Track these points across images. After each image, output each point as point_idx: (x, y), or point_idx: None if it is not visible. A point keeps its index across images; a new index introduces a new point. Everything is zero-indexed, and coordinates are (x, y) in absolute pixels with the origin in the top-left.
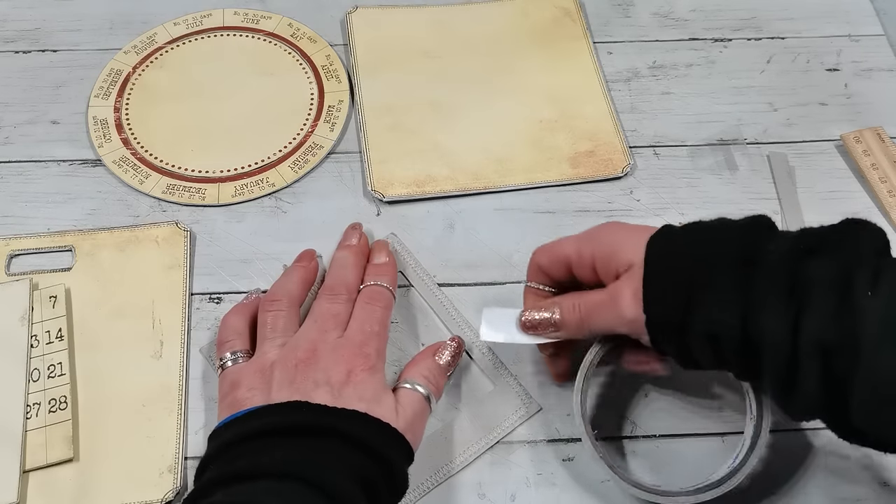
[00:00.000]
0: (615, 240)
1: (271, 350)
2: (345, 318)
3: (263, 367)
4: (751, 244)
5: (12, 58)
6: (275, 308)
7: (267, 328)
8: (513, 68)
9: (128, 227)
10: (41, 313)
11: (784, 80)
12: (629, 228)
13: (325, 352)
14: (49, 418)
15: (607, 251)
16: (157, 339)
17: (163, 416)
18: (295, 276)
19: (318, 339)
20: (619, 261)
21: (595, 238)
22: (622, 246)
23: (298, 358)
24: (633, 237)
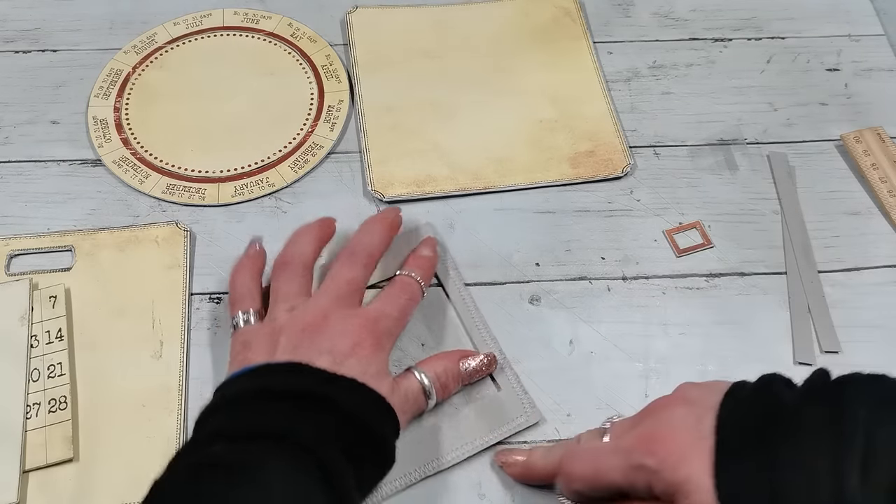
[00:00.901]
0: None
1: (281, 314)
2: (360, 284)
3: (273, 331)
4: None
5: (12, 58)
6: (287, 272)
7: (279, 293)
8: (513, 68)
9: (128, 227)
10: (41, 313)
11: (784, 80)
12: (687, 446)
13: (336, 320)
14: (49, 418)
15: (670, 485)
16: (156, 339)
17: (163, 416)
18: (309, 235)
19: (330, 306)
20: (689, 499)
21: (651, 468)
22: (688, 481)
23: (307, 323)
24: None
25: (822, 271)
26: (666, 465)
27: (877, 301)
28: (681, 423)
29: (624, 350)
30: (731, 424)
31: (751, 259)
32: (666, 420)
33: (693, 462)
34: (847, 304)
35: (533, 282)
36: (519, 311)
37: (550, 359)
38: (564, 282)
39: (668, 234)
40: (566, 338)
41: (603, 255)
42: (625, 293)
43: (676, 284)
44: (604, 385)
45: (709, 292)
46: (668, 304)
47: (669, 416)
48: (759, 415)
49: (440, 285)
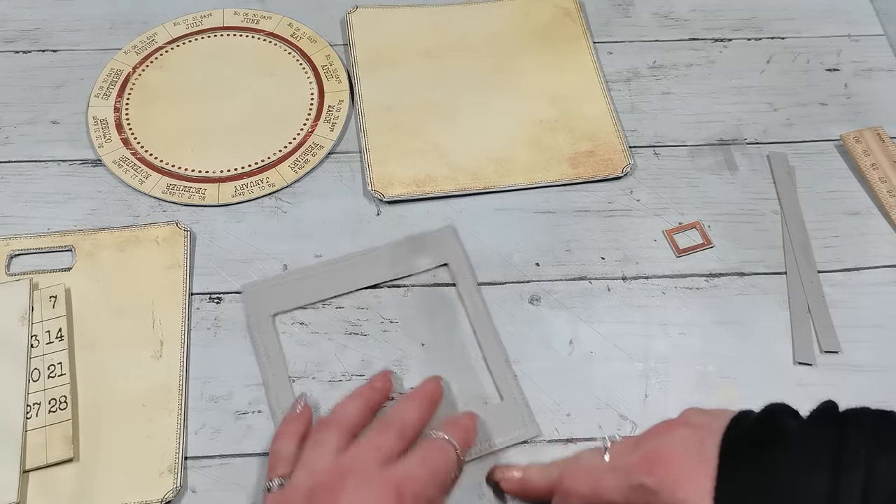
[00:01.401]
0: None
1: (300, 476)
2: (389, 453)
3: (286, 499)
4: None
5: (12, 58)
6: (322, 433)
7: (307, 458)
8: (513, 68)
9: (128, 227)
10: (41, 313)
11: (784, 80)
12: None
13: (356, 479)
14: (49, 418)
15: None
16: (157, 339)
17: (163, 416)
18: (358, 399)
19: (351, 462)
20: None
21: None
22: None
23: (320, 485)
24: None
25: (821, 271)
26: (665, 486)
27: (877, 301)
28: (683, 445)
29: (624, 350)
30: (733, 449)
31: (751, 259)
32: (668, 441)
33: (693, 484)
34: (847, 304)
35: (533, 282)
36: (519, 311)
37: (550, 359)
38: (564, 282)
39: (668, 234)
40: (566, 338)
41: (603, 255)
42: (625, 293)
43: (676, 284)
44: (604, 385)
45: (709, 292)
46: (668, 304)
47: (672, 437)
48: (761, 441)
49: (452, 284)
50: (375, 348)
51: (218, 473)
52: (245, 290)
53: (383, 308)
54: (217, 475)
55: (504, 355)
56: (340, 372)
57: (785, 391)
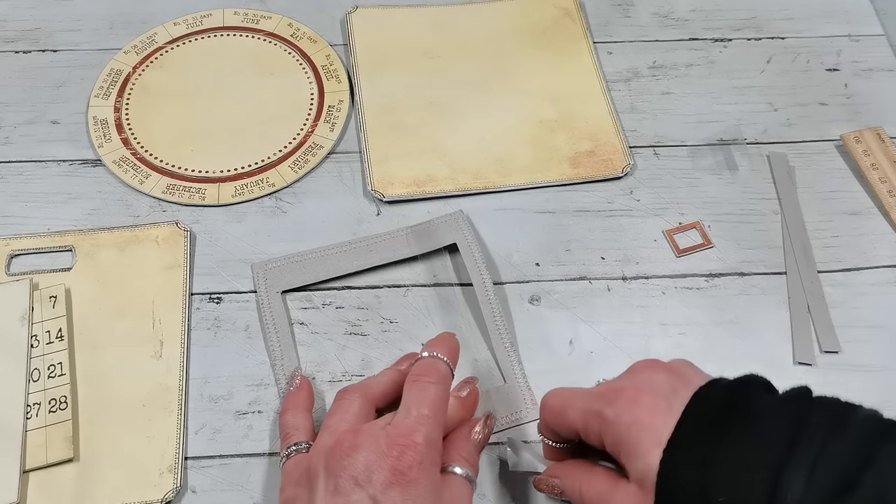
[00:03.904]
0: (628, 437)
1: (323, 438)
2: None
3: (310, 466)
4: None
5: (12, 58)
6: (345, 399)
7: (329, 421)
8: (513, 68)
9: (128, 227)
10: (41, 313)
11: (784, 80)
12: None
13: (367, 439)
14: (49, 418)
15: (617, 445)
16: (157, 339)
17: (163, 416)
18: (384, 375)
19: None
20: (629, 466)
21: (605, 418)
22: (635, 450)
23: (335, 445)
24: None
25: (821, 271)
26: (620, 421)
27: (877, 301)
28: (655, 389)
29: (624, 350)
30: (696, 410)
31: (751, 259)
32: (642, 380)
33: (648, 430)
34: (847, 304)
35: (533, 282)
36: (519, 311)
37: (550, 359)
38: (564, 282)
39: (668, 234)
40: (566, 338)
41: (603, 255)
42: (625, 293)
43: (676, 284)
44: None
45: (709, 292)
46: (668, 304)
47: (648, 378)
48: (722, 408)
49: (452, 284)
50: (375, 348)
51: (218, 473)
52: (256, 268)
53: (383, 308)
54: (217, 475)
55: (509, 338)
56: (340, 372)
57: None
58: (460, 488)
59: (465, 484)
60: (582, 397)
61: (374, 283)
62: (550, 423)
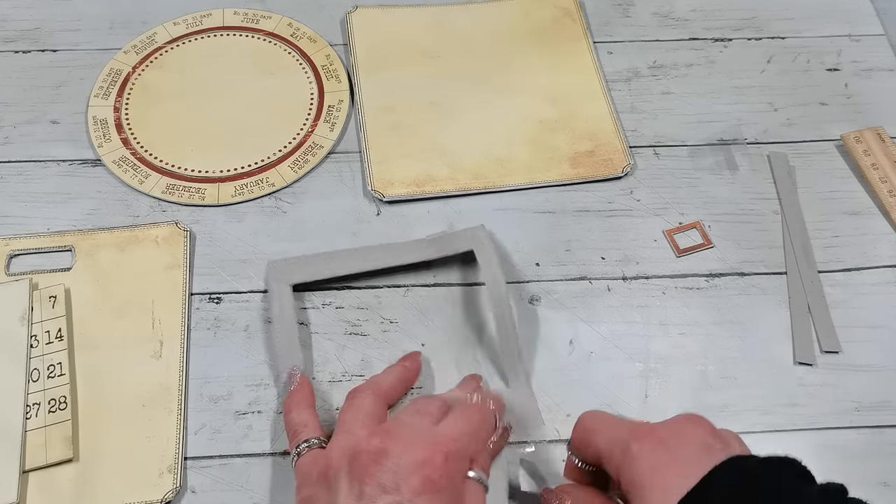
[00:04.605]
0: (646, 479)
1: (340, 439)
2: (431, 419)
3: (329, 465)
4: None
5: (12, 58)
6: (357, 397)
7: (343, 420)
8: (513, 68)
9: (128, 227)
10: (41, 313)
11: (784, 80)
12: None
13: (398, 445)
14: (49, 418)
15: (631, 484)
16: (156, 339)
17: (162, 416)
18: (392, 371)
19: (394, 426)
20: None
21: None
22: (650, 493)
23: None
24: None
25: (822, 271)
26: (642, 461)
27: (877, 301)
28: (687, 439)
29: (624, 350)
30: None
31: (751, 259)
32: (679, 428)
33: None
34: (847, 304)
35: (533, 282)
36: (519, 311)
37: (550, 359)
38: (564, 282)
39: (668, 234)
40: (566, 338)
41: (603, 255)
42: (625, 293)
43: (676, 284)
44: (604, 385)
45: (709, 292)
46: (668, 304)
47: (686, 428)
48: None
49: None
50: (375, 348)
51: (218, 473)
52: (269, 265)
53: (383, 308)
54: (217, 475)
55: (517, 349)
56: (340, 372)
57: (785, 391)
58: (476, 492)
59: (479, 487)
60: (615, 425)
61: (374, 283)
62: (577, 442)
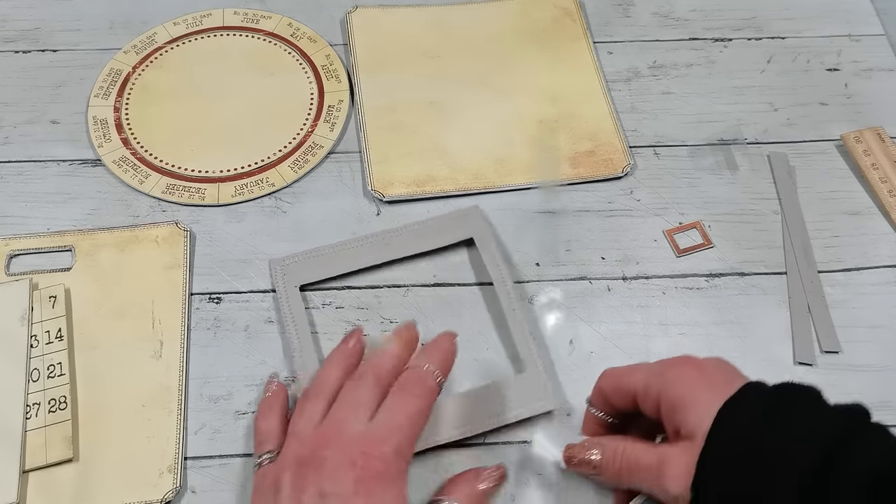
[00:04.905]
0: (688, 393)
1: (289, 446)
2: (368, 408)
3: (277, 475)
4: (834, 449)
5: (12, 58)
6: (308, 402)
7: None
8: (513, 68)
9: (128, 227)
10: (41, 313)
11: (784, 80)
12: (706, 378)
13: (335, 447)
14: (49, 418)
15: (674, 401)
16: (156, 339)
17: (162, 416)
18: (336, 367)
19: (331, 430)
20: (683, 421)
21: (666, 379)
22: (691, 404)
23: (303, 456)
24: (705, 394)
25: (822, 271)
26: (683, 380)
27: (877, 301)
28: (720, 369)
29: (624, 350)
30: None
31: (751, 259)
32: (712, 361)
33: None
34: (847, 304)
35: (533, 282)
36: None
37: (550, 359)
38: (564, 282)
39: (668, 234)
40: (566, 338)
41: (603, 255)
42: (625, 293)
43: (676, 284)
44: None
45: (709, 292)
46: (668, 304)
47: (719, 362)
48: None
49: (452, 284)
50: None
51: (218, 473)
52: (273, 263)
53: (383, 308)
54: (217, 475)
55: (529, 329)
56: None
57: None
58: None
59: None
60: (645, 366)
61: (375, 283)
62: (607, 389)
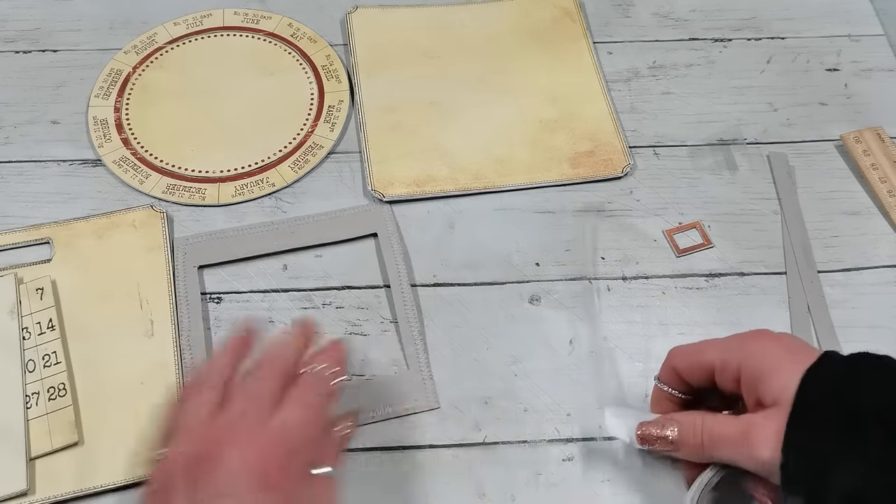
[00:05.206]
0: (768, 363)
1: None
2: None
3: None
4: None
5: (12, 58)
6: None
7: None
8: (513, 68)
9: (103, 215)
10: (29, 306)
11: (784, 80)
12: (785, 348)
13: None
14: (50, 406)
15: (756, 372)
16: (146, 319)
17: (162, 390)
18: (228, 355)
19: (228, 426)
20: (767, 390)
21: (745, 351)
22: (774, 373)
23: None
24: (787, 363)
25: (822, 271)
26: (764, 352)
27: (877, 301)
28: (797, 341)
29: (624, 350)
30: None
31: (751, 259)
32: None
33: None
34: (847, 304)
35: (533, 282)
36: (519, 311)
37: (550, 359)
38: (564, 282)
39: (668, 234)
40: (566, 338)
41: (603, 255)
42: (625, 293)
43: (676, 284)
44: (604, 385)
45: (709, 292)
46: (668, 304)
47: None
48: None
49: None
50: (375, 348)
51: None
52: (178, 242)
53: (383, 308)
54: None
55: (418, 329)
56: None
57: None
58: (326, 486)
59: (329, 481)
60: (719, 341)
61: (374, 282)
62: (681, 366)
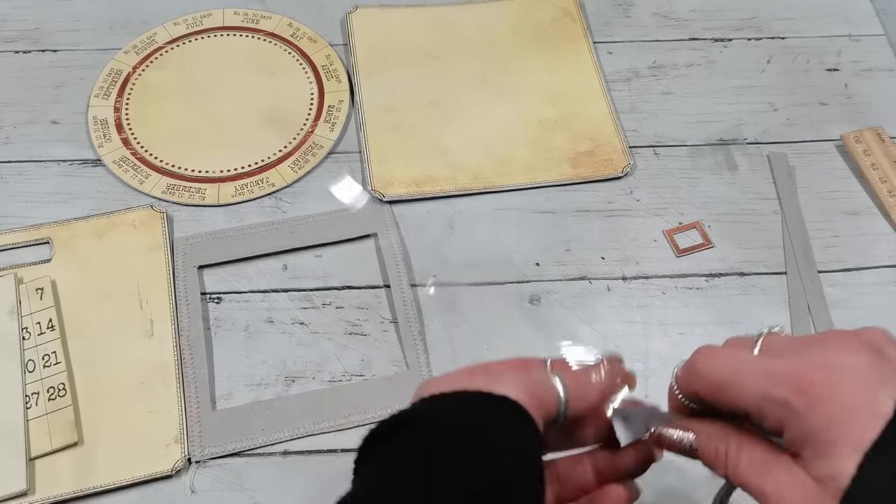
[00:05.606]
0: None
1: None
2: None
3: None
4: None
5: (12, 58)
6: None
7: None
8: (513, 68)
9: (103, 215)
10: (29, 306)
11: (784, 80)
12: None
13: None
14: (49, 406)
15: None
16: (146, 319)
17: (162, 390)
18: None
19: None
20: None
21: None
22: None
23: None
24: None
25: (822, 271)
26: (813, 417)
27: (877, 301)
28: (855, 378)
29: (624, 350)
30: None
31: (751, 259)
32: (840, 363)
33: (848, 431)
34: (847, 304)
35: (533, 282)
36: (519, 311)
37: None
38: (564, 282)
39: (668, 234)
40: (566, 338)
41: (603, 255)
42: (625, 293)
43: (676, 284)
44: None
45: (709, 292)
46: (668, 303)
47: (847, 361)
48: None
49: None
50: (375, 348)
51: (218, 473)
52: (178, 242)
53: (383, 308)
54: (217, 475)
55: (419, 329)
56: (340, 372)
57: None
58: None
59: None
60: (755, 373)
61: (374, 282)
62: (706, 394)
